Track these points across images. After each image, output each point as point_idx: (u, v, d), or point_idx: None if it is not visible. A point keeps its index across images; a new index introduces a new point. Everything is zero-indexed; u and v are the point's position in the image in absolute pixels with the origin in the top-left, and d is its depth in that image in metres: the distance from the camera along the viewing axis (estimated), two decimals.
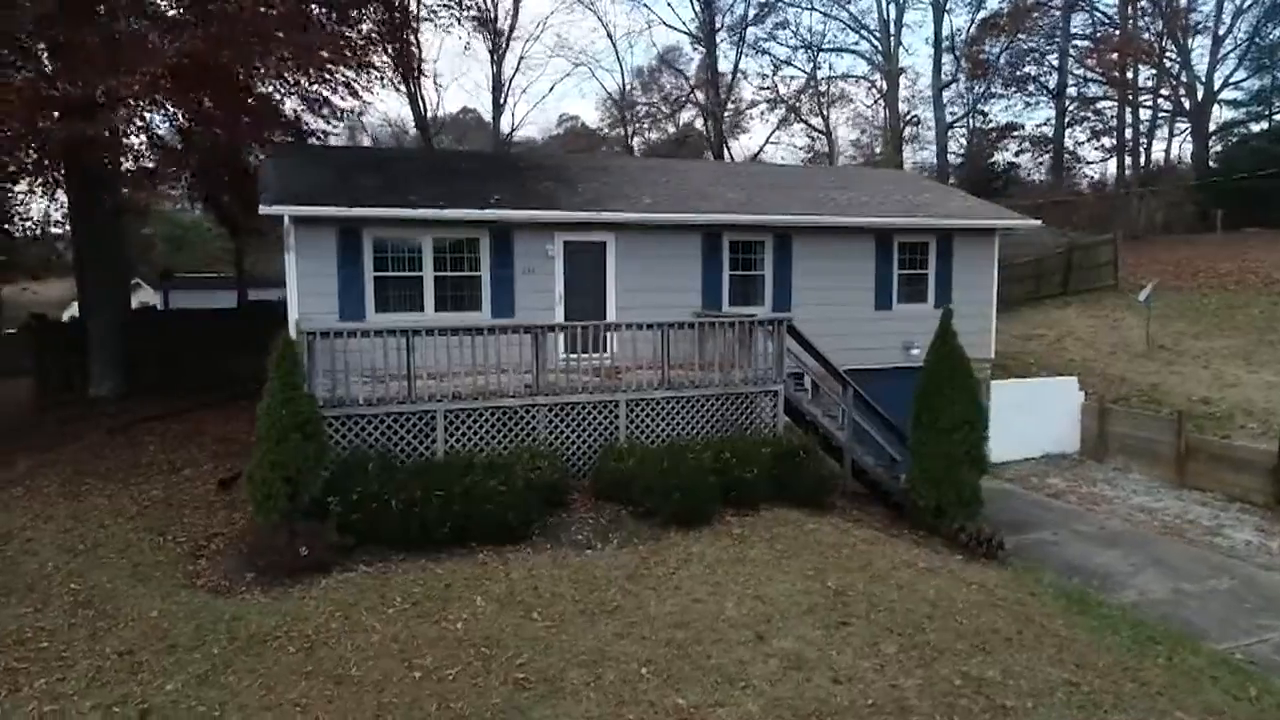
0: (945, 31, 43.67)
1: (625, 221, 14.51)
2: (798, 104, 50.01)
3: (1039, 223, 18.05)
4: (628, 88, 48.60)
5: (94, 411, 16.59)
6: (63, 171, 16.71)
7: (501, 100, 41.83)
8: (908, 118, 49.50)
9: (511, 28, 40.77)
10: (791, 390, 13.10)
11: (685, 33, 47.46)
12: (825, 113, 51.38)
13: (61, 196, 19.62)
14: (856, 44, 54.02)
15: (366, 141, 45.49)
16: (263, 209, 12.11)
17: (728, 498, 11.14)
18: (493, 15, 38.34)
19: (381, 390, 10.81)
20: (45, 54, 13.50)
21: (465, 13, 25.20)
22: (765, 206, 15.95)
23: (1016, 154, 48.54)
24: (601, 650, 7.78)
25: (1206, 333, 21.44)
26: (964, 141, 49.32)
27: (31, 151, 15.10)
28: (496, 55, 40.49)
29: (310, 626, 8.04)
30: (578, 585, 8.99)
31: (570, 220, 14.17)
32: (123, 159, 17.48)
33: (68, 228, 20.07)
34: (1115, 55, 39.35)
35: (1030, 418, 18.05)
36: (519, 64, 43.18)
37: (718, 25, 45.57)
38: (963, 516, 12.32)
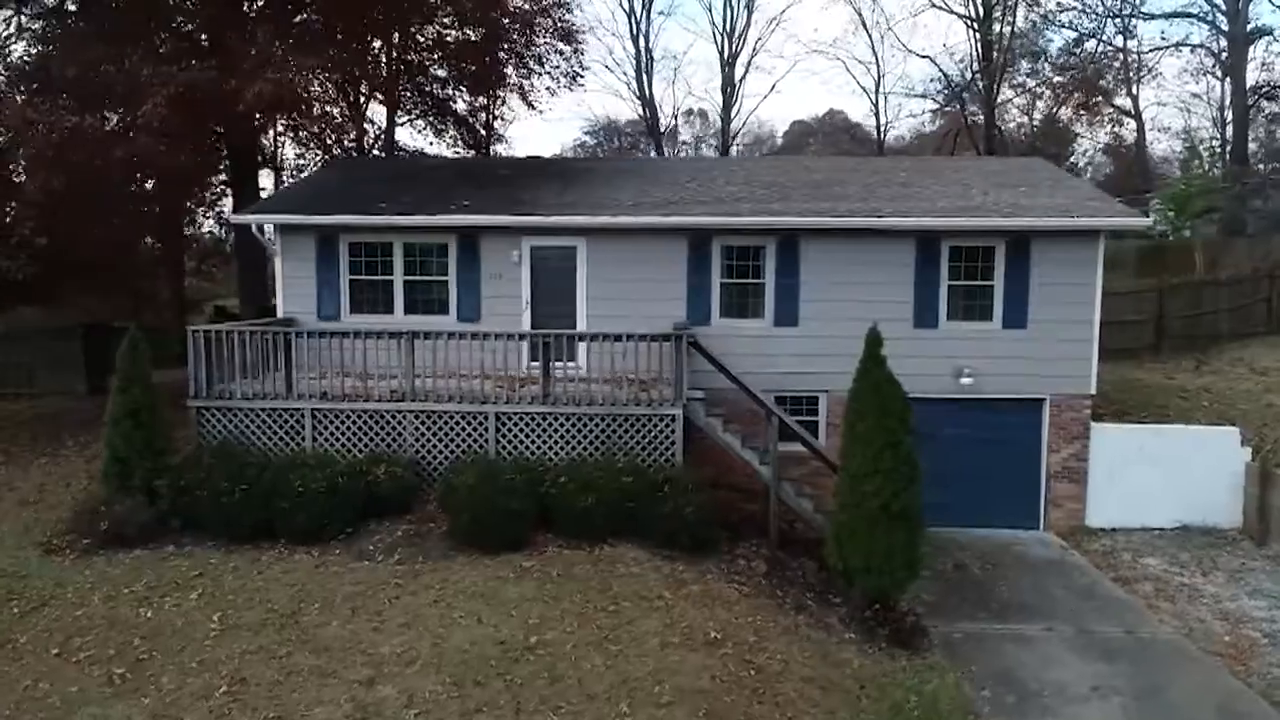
0: None
1: (595, 226, 13.79)
2: (1105, 84, 42.60)
3: (1150, 221, 13.65)
4: (882, 78, 44.92)
5: None
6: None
7: (733, 99, 41.32)
8: (1264, 89, 39.85)
9: (746, 28, 40.21)
10: (701, 416, 11.56)
11: (955, 13, 42.48)
12: (1135, 92, 43.19)
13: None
14: (1189, 5, 44.01)
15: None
16: (234, 219, 13.57)
17: (557, 526, 10.26)
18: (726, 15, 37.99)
19: (257, 386, 11.60)
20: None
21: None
22: (766, 206, 14.11)
23: None
24: (218, 661, 7.75)
25: None
26: None
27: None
28: (727, 57, 40.13)
29: (53, 594, 9.02)
30: (297, 595, 8.95)
31: (535, 225, 13.79)
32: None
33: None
34: None
35: (1160, 477, 13.90)
36: (749, 65, 41.86)
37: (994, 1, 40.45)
38: (872, 585, 9.96)
